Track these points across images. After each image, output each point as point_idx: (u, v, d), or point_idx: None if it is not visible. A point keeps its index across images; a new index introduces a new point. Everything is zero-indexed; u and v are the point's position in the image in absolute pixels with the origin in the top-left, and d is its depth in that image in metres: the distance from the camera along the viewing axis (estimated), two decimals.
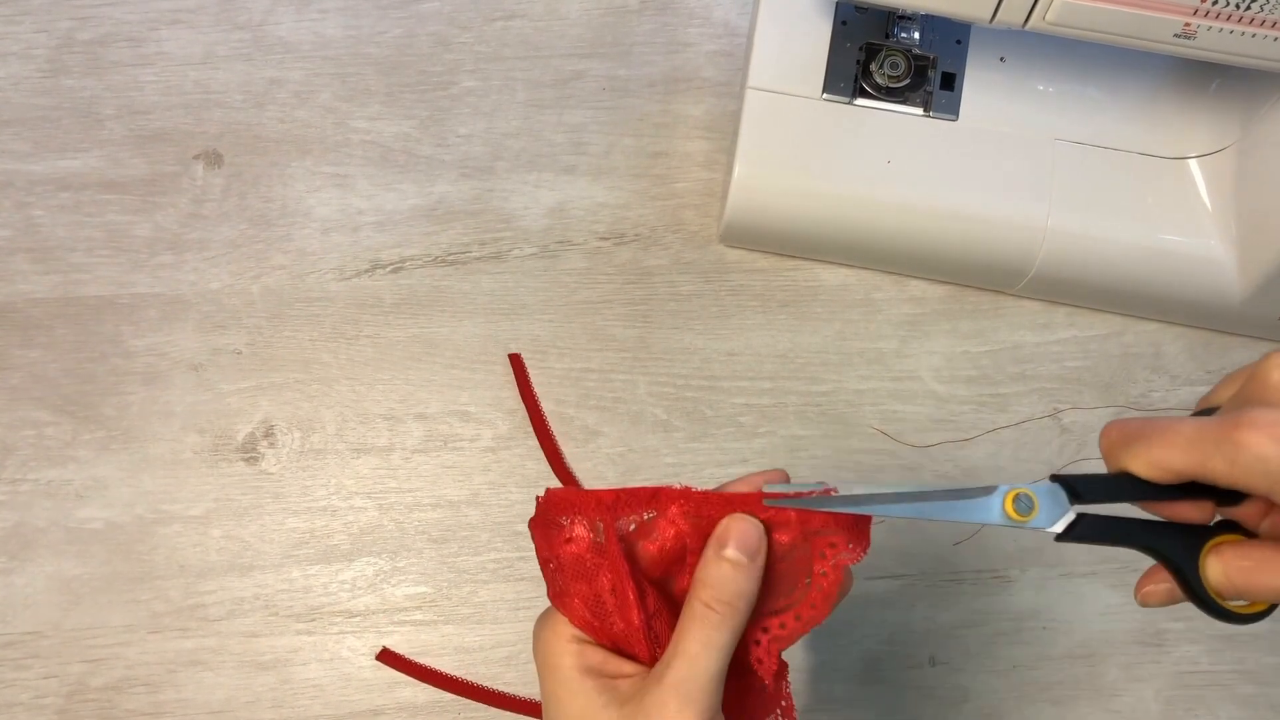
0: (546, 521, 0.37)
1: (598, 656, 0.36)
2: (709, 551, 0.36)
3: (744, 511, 0.37)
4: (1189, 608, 0.37)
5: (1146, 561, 0.37)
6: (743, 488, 0.38)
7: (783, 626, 0.37)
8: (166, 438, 0.60)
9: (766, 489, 0.37)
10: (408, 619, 0.58)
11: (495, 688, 0.57)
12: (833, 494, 0.36)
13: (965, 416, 0.61)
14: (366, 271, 0.63)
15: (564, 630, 0.36)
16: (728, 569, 0.35)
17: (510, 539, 0.59)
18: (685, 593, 0.36)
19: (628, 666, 0.36)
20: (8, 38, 0.65)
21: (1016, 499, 0.36)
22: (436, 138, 0.65)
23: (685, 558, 0.37)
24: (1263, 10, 0.46)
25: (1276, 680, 0.59)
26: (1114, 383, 0.62)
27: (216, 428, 0.60)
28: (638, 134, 0.65)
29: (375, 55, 0.66)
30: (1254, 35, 0.47)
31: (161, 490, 0.59)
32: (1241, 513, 0.36)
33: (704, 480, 0.60)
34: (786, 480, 0.38)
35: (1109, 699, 0.58)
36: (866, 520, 0.37)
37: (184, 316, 0.62)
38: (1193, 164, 0.59)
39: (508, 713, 0.57)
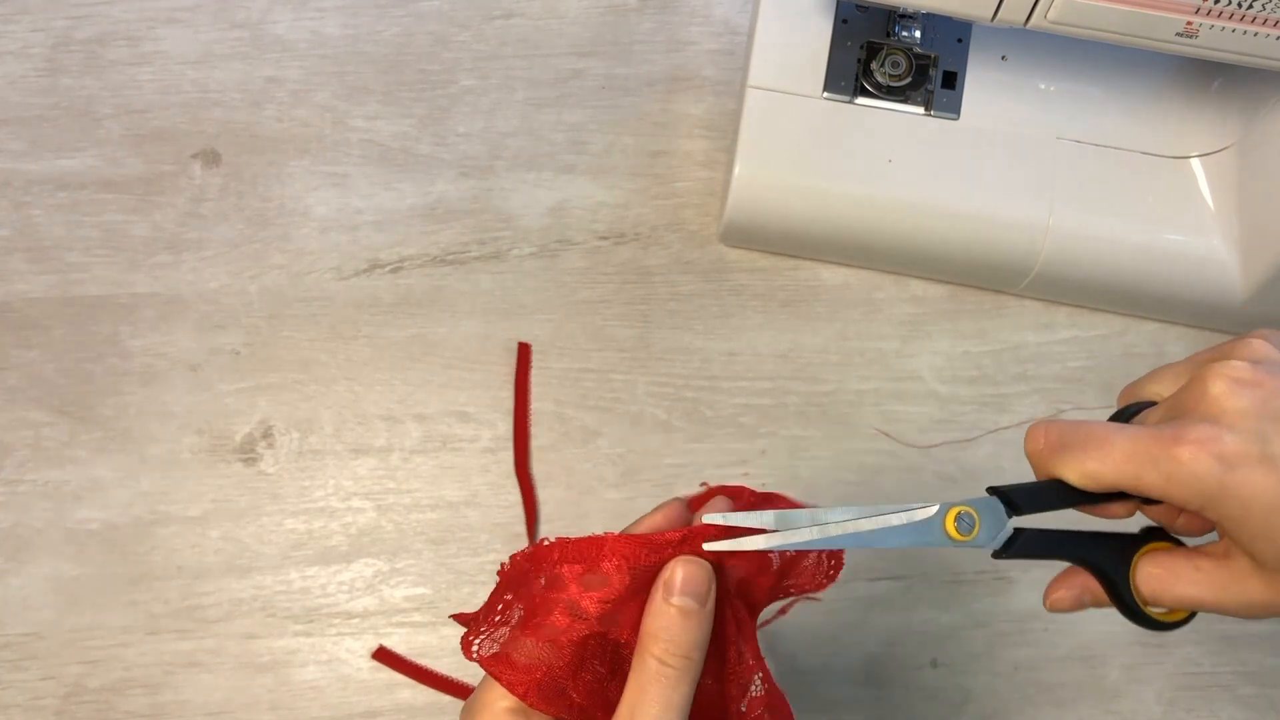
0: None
1: None
2: (656, 599, 0.33)
3: (689, 553, 0.34)
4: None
5: None
6: (658, 519, 0.36)
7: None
8: (164, 438, 0.59)
9: (706, 519, 0.34)
10: (406, 620, 0.58)
11: None
12: (764, 532, 0.34)
13: (967, 417, 0.61)
14: (365, 271, 0.62)
15: (499, 705, 0.34)
16: (676, 616, 0.33)
17: (510, 540, 0.59)
18: (621, 643, 0.34)
19: None
20: (5, 36, 0.65)
21: (958, 518, 0.36)
22: (435, 137, 0.64)
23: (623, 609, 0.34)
24: (1264, 9, 0.46)
25: (1278, 682, 0.58)
26: (1116, 383, 0.62)
27: (214, 428, 0.60)
28: (637, 133, 0.65)
29: (373, 54, 0.66)
30: (1256, 34, 0.47)
31: (159, 491, 0.59)
32: (1156, 511, 0.38)
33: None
34: (729, 506, 0.36)
35: (1110, 700, 0.58)
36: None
37: (182, 316, 0.61)
38: (1195, 163, 0.59)
39: None
